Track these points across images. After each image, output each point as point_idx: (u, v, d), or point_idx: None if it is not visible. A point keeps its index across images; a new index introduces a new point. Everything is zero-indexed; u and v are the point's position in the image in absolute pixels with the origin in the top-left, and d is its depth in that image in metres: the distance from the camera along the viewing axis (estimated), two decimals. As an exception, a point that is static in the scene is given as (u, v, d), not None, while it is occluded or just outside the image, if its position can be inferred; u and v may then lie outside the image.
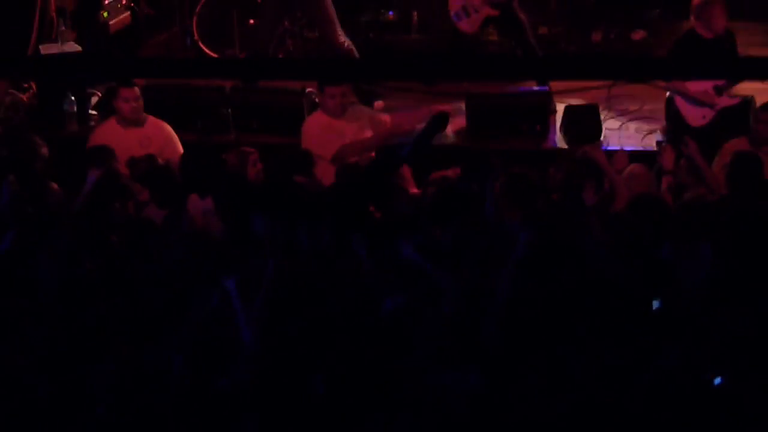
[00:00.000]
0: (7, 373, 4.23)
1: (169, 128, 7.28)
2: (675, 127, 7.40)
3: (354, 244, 4.86)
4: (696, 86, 7.31)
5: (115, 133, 7.09)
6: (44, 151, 6.70)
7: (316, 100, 7.35)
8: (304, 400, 4.01)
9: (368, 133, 7.11)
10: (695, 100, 7.35)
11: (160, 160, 6.45)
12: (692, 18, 7.35)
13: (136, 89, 7.13)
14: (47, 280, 4.86)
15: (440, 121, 5.58)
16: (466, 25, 8.40)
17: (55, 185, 6.27)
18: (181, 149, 7.16)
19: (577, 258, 4.79)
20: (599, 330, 4.22)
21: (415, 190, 6.02)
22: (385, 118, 7.37)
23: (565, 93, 7.87)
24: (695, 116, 7.35)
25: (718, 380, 4.01)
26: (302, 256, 5.00)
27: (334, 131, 7.00)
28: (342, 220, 5.05)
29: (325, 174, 6.34)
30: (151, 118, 7.23)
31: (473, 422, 3.86)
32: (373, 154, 6.93)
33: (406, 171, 6.11)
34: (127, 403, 4.05)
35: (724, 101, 7.30)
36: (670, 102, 7.42)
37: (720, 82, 7.18)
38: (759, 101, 7.02)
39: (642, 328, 4.29)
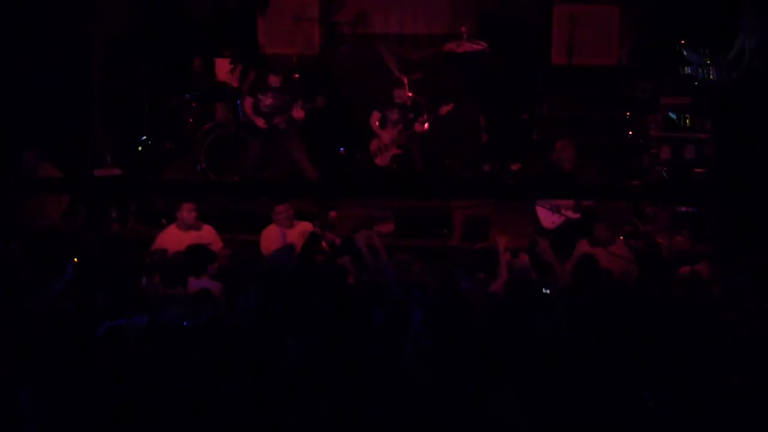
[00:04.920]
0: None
1: (214, 230, 8.22)
2: (534, 227, 8.67)
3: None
4: (554, 201, 8.57)
5: (176, 236, 8.03)
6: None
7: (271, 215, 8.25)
8: None
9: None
10: (552, 209, 8.60)
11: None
12: (553, 155, 8.80)
13: (193, 203, 7.97)
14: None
15: None
16: (380, 160, 10.38)
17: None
18: (221, 244, 8.10)
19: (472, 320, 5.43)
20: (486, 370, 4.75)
21: None
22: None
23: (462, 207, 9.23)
24: (548, 221, 8.70)
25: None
26: None
27: (283, 238, 8.07)
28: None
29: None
30: (203, 224, 8.23)
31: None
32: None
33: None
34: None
35: (570, 213, 8.55)
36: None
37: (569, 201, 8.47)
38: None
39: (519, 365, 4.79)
